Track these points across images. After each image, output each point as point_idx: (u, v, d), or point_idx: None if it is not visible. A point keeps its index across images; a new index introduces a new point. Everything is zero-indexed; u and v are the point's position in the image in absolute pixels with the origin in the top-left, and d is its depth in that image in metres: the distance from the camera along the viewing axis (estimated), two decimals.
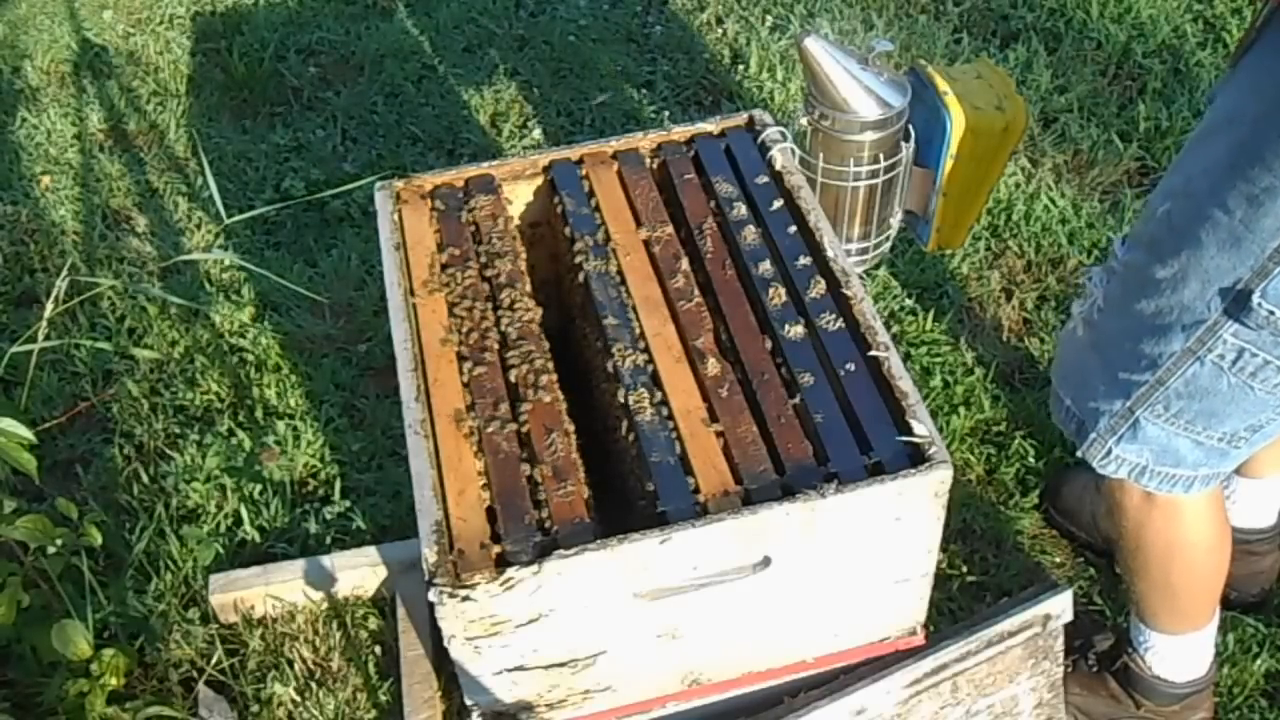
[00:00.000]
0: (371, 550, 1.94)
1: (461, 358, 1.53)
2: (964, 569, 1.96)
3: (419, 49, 3.14)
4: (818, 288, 1.56)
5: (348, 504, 2.06)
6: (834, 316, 1.53)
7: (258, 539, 2.04)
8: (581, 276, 1.63)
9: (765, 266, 1.60)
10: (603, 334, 1.55)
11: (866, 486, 1.33)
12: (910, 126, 1.85)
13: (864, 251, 1.98)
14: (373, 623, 1.92)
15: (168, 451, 2.18)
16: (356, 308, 2.46)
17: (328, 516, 2.04)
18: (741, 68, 2.98)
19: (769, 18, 3.11)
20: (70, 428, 2.25)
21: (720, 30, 3.12)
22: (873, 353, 1.47)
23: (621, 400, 1.47)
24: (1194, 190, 1.30)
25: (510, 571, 1.28)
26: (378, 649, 1.89)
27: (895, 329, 2.32)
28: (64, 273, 1.87)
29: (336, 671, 1.87)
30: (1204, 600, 1.63)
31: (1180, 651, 1.67)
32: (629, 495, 1.54)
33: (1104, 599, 1.91)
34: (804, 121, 1.84)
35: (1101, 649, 1.76)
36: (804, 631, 1.51)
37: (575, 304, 1.74)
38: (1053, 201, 2.55)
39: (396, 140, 2.87)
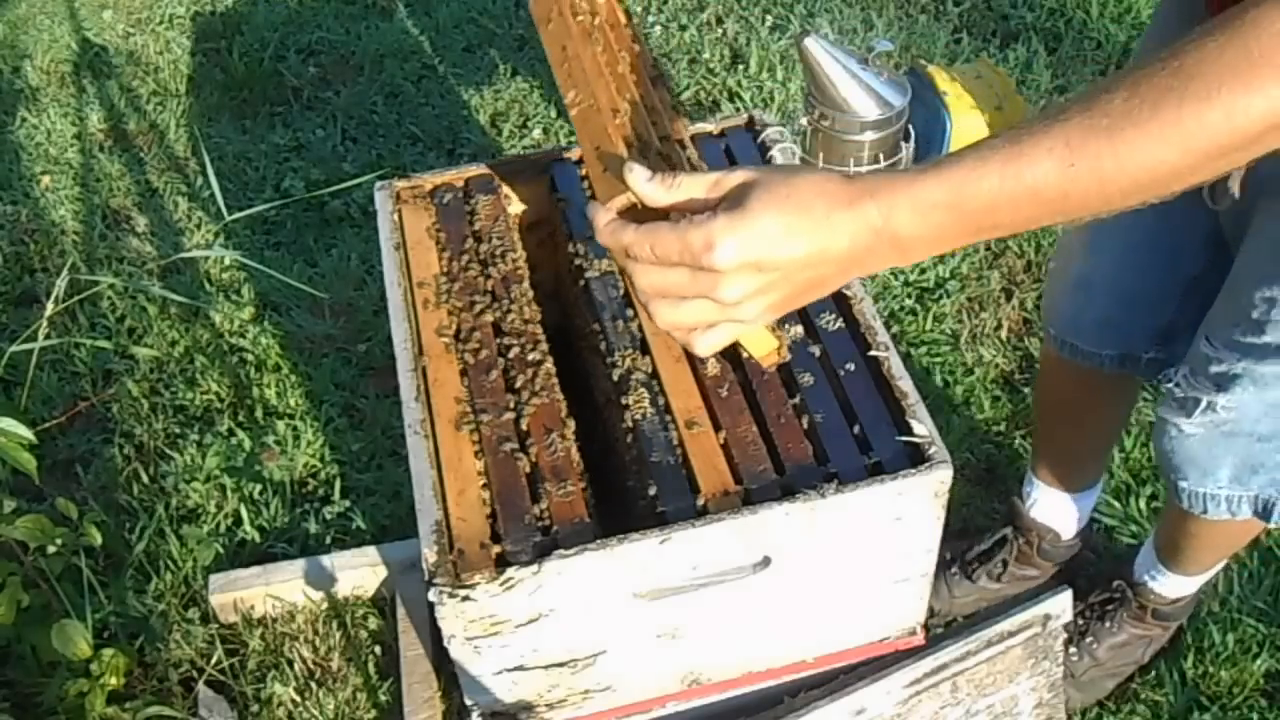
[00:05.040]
0: (371, 550, 1.94)
1: (461, 358, 1.52)
2: None
3: (419, 49, 3.14)
4: None
5: (348, 504, 2.06)
6: (834, 316, 1.52)
7: (258, 539, 2.04)
8: (581, 277, 1.63)
9: None
10: (603, 334, 1.55)
11: (866, 486, 1.33)
12: (910, 126, 1.86)
13: None
14: (373, 623, 1.92)
15: (168, 451, 2.18)
16: (356, 308, 2.46)
17: (328, 516, 2.04)
18: (741, 68, 2.98)
19: (769, 18, 3.11)
20: (70, 428, 2.25)
21: (720, 30, 3.12)
22: (873, 353, 1.47)
23: (621, 400, 1.47)
24: None
25: (510, 571, 1.28)
26: (378, 649, 1.89)
27: (895, 329, 2.32)
28: (64, 272, 1.87)
29: (336, 671, 1.87)
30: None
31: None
32: (629, 495, 1.54)
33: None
34: (804, 121, 1.84)
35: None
36: (804, 631, 1.51)
37: (575, 304, 1.74)
38: None
39: (396, 140, 2.87)
